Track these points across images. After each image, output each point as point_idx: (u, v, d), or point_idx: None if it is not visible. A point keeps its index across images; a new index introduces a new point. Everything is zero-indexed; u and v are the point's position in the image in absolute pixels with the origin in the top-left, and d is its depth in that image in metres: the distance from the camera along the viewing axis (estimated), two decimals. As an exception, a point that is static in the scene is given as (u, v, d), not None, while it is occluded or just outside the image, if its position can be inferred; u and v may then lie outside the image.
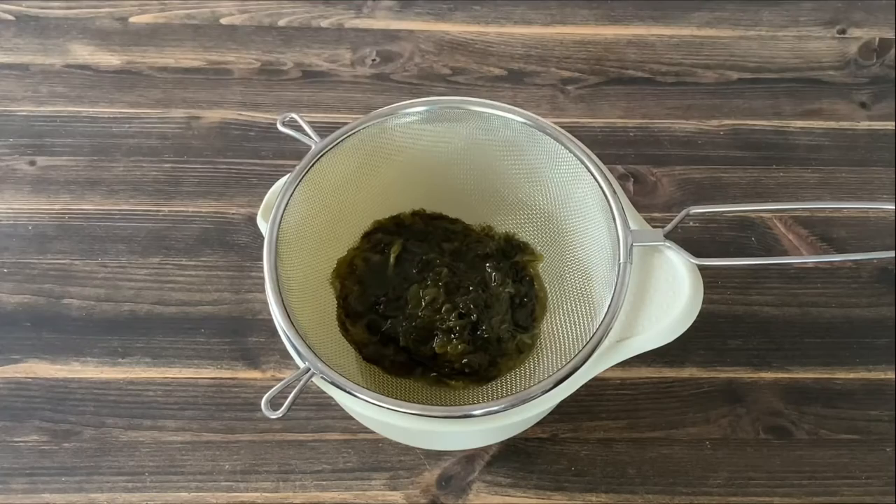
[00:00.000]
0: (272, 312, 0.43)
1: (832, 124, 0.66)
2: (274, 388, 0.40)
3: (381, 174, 0.52)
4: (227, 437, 0.52)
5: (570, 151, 0.48)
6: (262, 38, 0.68)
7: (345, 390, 0.41)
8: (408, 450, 0.52)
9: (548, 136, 0.49)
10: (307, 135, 0.48)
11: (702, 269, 0.44)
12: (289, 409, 0.40)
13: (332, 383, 0.41)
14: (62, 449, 0.52)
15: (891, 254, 0.47)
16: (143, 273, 0.58)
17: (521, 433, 0.51)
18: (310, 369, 0.41)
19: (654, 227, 0.46)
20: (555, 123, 0.49)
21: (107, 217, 0.60)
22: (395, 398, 0.41)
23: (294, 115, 0.49)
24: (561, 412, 0.53)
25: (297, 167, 0.47)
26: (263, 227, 0.46)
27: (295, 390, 0.40)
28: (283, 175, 0.48)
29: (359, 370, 0.49)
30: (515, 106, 0.50)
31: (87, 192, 0.61)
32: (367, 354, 0.49)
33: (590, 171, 0.47)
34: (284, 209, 0.46)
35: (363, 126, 0.49)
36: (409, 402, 0.42)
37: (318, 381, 0.42)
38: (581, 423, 0.53)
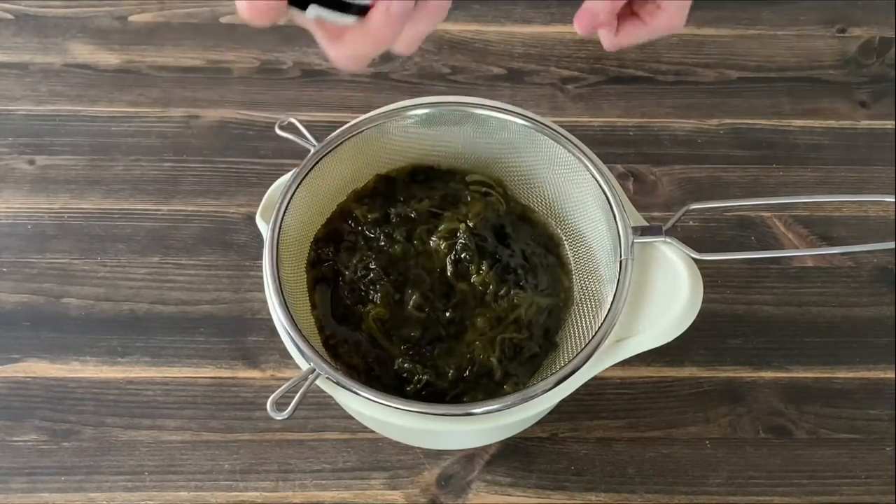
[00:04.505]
0: (274, 316, 0.43)
1: (832, 123, 0.66)
2: (280, 390, 0.40)
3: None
4: (227, 436, 0.52)
5: (569, 151, 0.48)
6: (261, 37, 0.68)
7: (350, 390, 0.41)
8: (407, 449, 0.52)
9: (547, 137, 0.49)
10: (305, 138, 0.48)
11: (701, 268, 0.44)
12: (294, 410, 0.40)
13: (337, 383, 0.41)
14: (61, 448, 0.52)
15: (890, 245, 0.47)
16: (142, 272, 0.57)
17: (520, 432, 0.51)
18: (314, 370, 0.41)
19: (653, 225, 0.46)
20: (554, 122, 0.49)
21: (106, 216, 0.60)
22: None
23: (292, 119, 0.49)
24: (561, 411, 0.53)
25: (296, 170, 0.47)
26: (263, 226, 0.46)
27: (300, 391, 0.40)
28: (282, 174, 0.48)
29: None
30: (515, 105, 0.50)
31: (86, 191, 0.60)
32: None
33: (589, 170, 0.47)
34: (284, 212, 0.46)
35: (361, 129, 0.49)
36: (411, 400, 0.42)
37: (321, 381, 0.42)
38: (581, 423, 0.53)
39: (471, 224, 0.48)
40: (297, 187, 0.46)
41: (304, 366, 0.42)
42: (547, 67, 0.68)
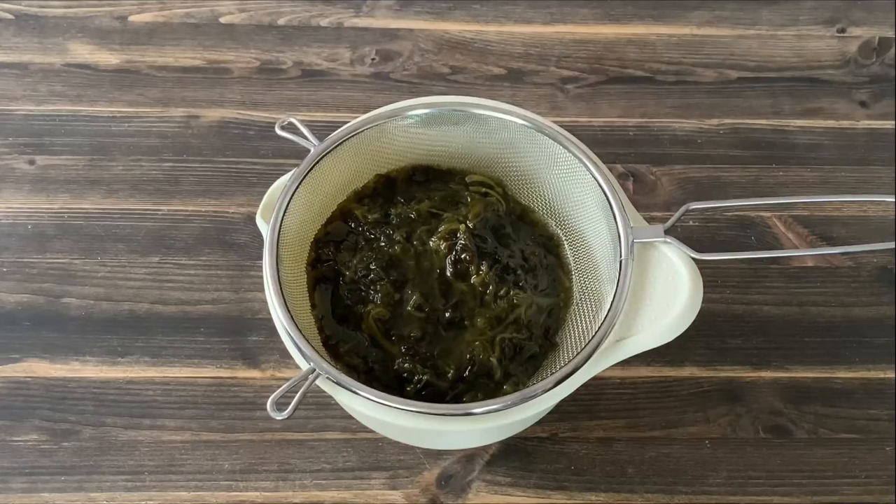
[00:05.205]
0: (274, 316, 0.43)
1: (832, 123, 0.66)
2: (280, 390, 0.40)
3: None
4: (227, 436, 0.52)
5: (569, 151, 0.48)
6: (261, 37, 0.68)
7: (350, 390, 0.41)
8: (407, 449, 0.52)
9: (547, 137, 0.49)
10: (305, 138, 0.48)
11: (701, 268, 0.44)
12: (294, 410, 0.40)
13: (337, 383, 0.41)
14: (61, 448, 0.52)
15: (890, 245, 0.47)
16: (142, 272, 0.57)
17: (520, 432, 0.51)
18: (314, 370, 0.41)
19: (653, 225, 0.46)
20: (554, 122, 0.49)
21: (106, 216, 0.60)
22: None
23: (292, 119, 0.49)
24: (561, 411, 0.53)
25: (297, 170, 0.47)
26: (263, 226, 0.46)
27: (300, 391, 0.40)
28: (282, 174, 0.48)
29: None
30: (515, 105, 0.50)
31: (86, 191, 0.60)
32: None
33: (589, 170, 0.47)
34: (284, 212, 0.46)
35: (361, 129, 0.49)
36: (411, 400, 0.42)
37: (321, 381, 0.42)
38: (581, 423, 0.53)
39: (470, 225, 0.48)
40: (297, 187, 0.46)
41: (304, 366, 0.42)
42: (547, 67, 0.68)
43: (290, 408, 0.40)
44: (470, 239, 0.48)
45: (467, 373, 0.46)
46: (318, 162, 0.47)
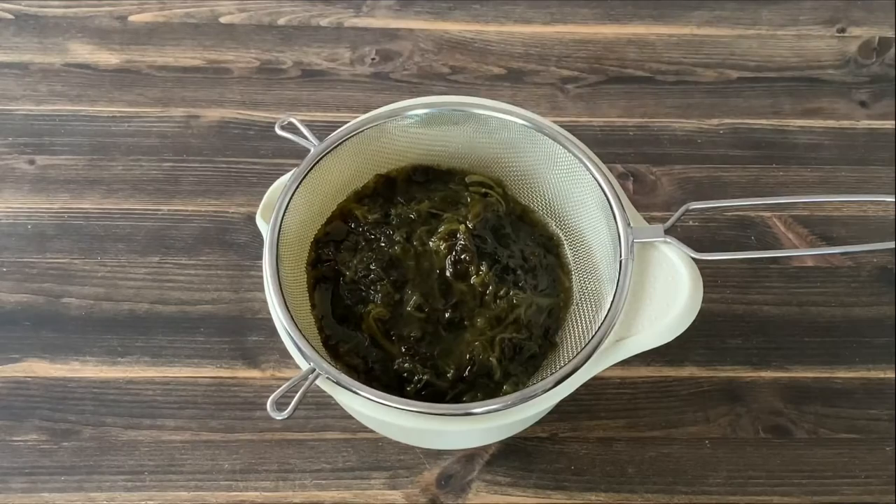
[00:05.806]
0: (274, 316, 0.43)
1: (832, 123, 0.66)
2: (280, 390, 0.40)
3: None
4: (227, 436, 0.52)
5: (569, 151, 0.48)
6: (261, 37, 0.68)
7: (350, 390, 0.41)
8: (407, 449, 0.52)
9: (547, 137, 0.49)
10: (305, 138, 0.48)
11: (701, 268, 0.44)
12: (294, 410, 0.40)
13: (337, 383, 0.41)
14: (61, 448, 0.52)
15: (890, 245, 0.47)
16: (142, 272, 0.57)
17: (520, 432, 0.51)
18: (314, 370, 0.41)
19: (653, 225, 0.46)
20: (554, 122, 0.49)
21: (106, 216, 0.60)
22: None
23: (292, 119, 0.49)
24: (561, 411, 0.53)
25: (296, 170, 0.47)
26: (263, 226, 0.46)
27: (300, 391, 0.40)
28: (282, 174, 0.48)
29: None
30: (515, 105, 0.50)
31: (86, 191, 0.60)
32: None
33: (589, 170, 0.47)
34: (284, 212, 0.46)
35: (361, 129, 0.49)
36: (411, 400, 0.42)
37: (321, 381, 0.42)
38: (581, 423, 0.53)
39: (470, 225, 0.48)
40: (297, 187, 0.46)
41: (304, 366, 0.42)
42: (547, 67, 0.68)
43: (290, 408, 0.40)
44: (470, 239, 0.48)
45: (467, 373, 0.46)
46: (318, 162, 0.47)
